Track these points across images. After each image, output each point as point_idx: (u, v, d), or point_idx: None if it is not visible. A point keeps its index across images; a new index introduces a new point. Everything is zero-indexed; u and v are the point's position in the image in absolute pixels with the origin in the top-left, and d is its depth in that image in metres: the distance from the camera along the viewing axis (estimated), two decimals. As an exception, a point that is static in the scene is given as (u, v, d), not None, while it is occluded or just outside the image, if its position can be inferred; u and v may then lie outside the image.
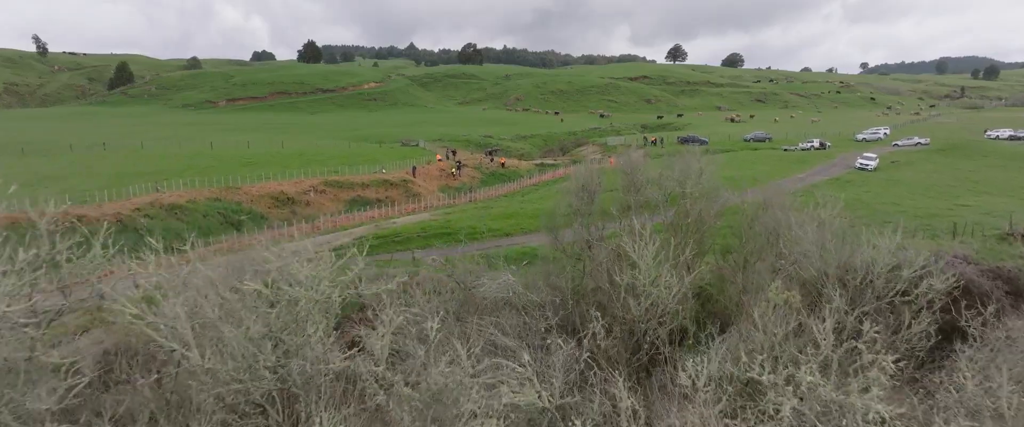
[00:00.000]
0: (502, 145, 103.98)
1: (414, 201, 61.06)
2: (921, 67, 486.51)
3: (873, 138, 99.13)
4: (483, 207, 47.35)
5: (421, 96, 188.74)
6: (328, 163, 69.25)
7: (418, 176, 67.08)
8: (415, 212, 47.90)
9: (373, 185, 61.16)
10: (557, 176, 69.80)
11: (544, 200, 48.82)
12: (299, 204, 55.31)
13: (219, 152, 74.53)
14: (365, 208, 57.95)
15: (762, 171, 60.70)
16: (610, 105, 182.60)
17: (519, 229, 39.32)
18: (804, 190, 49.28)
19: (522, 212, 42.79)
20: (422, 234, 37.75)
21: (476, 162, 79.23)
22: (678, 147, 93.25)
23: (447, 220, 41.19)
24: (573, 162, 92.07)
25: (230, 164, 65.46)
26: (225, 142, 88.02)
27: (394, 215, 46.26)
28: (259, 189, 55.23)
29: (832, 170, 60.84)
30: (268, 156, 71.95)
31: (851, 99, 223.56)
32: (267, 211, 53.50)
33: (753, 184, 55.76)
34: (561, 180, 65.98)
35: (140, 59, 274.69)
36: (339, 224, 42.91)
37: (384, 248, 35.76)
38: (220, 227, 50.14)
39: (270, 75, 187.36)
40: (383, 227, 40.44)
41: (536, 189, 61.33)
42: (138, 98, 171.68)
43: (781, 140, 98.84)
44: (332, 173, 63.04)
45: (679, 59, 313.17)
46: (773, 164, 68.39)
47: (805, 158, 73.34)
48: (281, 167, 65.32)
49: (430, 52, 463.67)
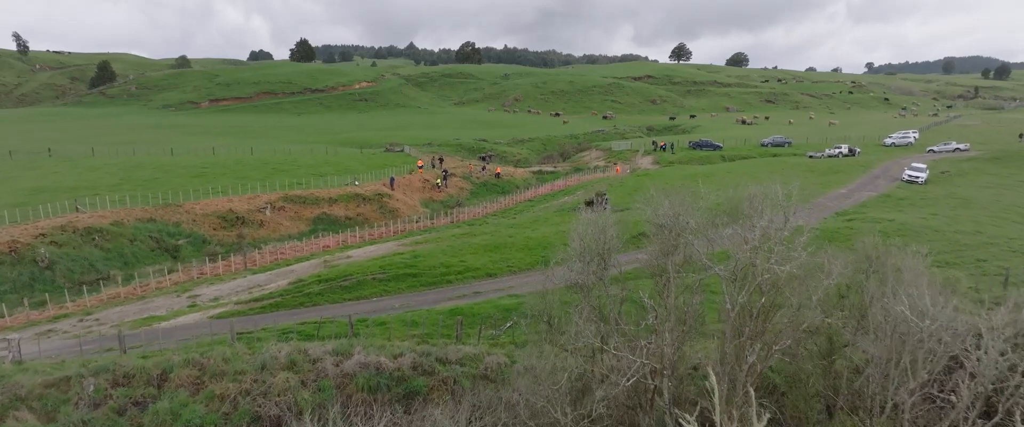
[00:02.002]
0: (497, 150, 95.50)
1: (390, 219, 52.59)
2: (926, 67, 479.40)
3: (903, 143, 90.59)
4: (466, 232, 38.86)
5: (415, 96, 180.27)
6: (296, 173, 60.88)
7: (397, 188, 58.63)
8: (383, 238, 39.45)
9: (342, 200, 52.69)
10: (557, 188, 61.26)
11: (539, 224, 40.32)
12: (251, 224, 46.86)
13: (175, 160, 66.12)
14: (332, 228, 49.56)
15: (789, 185, 52.12)
16: (613, 106, 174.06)
17: (506, 266, 30.84)
18: (853, 211, 40.77)
19: (511, 242, 34.30)
20: (380, 275, 29.27)
21: (465, 171, 70.71)
22: (691, 152, 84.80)
23: (416, 252, 32.73)
24: (575, 170, 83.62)
25: (180, 175, 57.07)
26: (189, 147, 79.67)
27: (356, 243, 37.78)
28: (204, 206, 46.80)
29: (877, 184, 52.27)
30: (229, 165, 63.52)
31: (864, 99, 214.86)
32: (211, 233, 45.06)
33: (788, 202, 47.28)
34: (562, 193, 57.48)
35: (130, 58, 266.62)
36: (282, 256, 34.45)
37: (327, 297, 27.29)
38: (150, 255, 41.73)
39: (256, 74, 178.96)
40: (334, 263, 31.96)
41: (531, 205, 52.80)
42: (117, 98, 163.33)
43: (802, 145, 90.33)
44: (297, 186, 54.63)
45: (683, 58, 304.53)
46: (802, 175, 59.81)
47: (836, 167, 64.82)
48: (239, 178, 56.97)
49: (430, 52, 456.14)
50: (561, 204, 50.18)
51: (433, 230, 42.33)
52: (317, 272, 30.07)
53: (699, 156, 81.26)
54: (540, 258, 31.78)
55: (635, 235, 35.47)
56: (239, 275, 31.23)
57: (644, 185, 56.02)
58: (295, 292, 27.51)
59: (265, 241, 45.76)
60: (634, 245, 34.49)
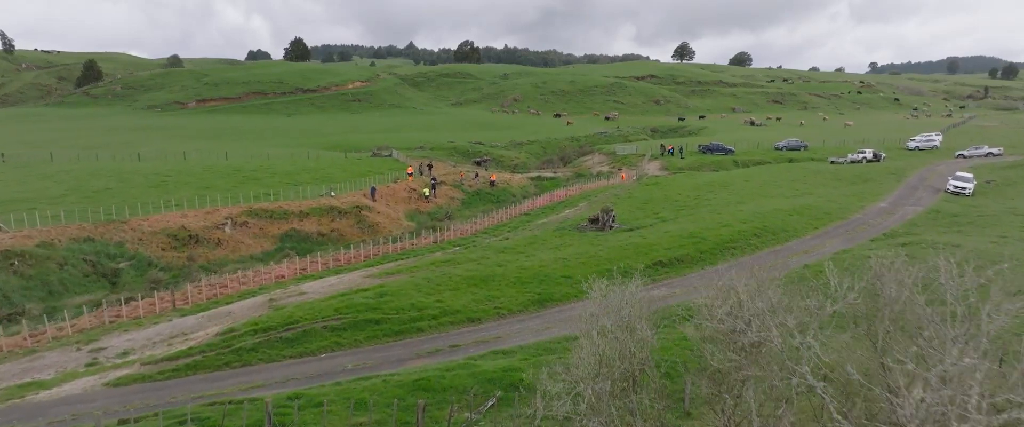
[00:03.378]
0: (493, 154, 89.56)
1: (368, 234, 46.72)
2: (928, 67, 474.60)
3: (927, 146, 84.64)
4: (449, 258, 32.92)
5: (411, 97, 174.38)
6: (268, 182, 55.03)
7: (379, 199, 52.75)
8: (351, 264, 33.49)
9: (315, 214, 46.80)
10: (556, 199, 55.32)
11: (535, 247, 34.42)
12: (206, 243, 40.99)
13: (138, 167, 60.28)
14: (302, 246, 43.71)
15: (824, 197, 46.27)
16: (616, 106, 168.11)
17: (492, 308, 24.93)
18: (904, 232, 34.80)
19: (500, 274, 28.39)
20: (335, 321, 23.39)
21: (456, 178, 64.79)
22: (701, 157, 78.80)
23: (384, 287, 26.82)
24: (576, 175, 77.64)
25: (137, 185, 51.22)
26: (161, 152, 73.84)
27: (316, 272, 31.80)
28: (153, 223, 40.92)
29: (918, 196, 46.31)
30: (196, 173, 57.65)
31: (873, 100, 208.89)
32: (158, 254, 39.20)
33: (826, 220, 41.42)
34: (562, 206, 51.58)
35: (124, 58, 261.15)
36: (223, 292, 28.53)
37: (263, 353, 21.42)
38: (82, 282, 35.86)
39: (247, 74, 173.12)
40: (282, 302, 26.05)
41: (528, 220, 46.87)
42: (101, 99, 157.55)
43: (819, 149, 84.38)
44: (266, 197, 48.75)
45: (686, 58, 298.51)
46: (828, 184, 53.99)
47: (864, 174, 58.91)
48: (203, 188, 51.11)
49: (430, 51, 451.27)
50: (561, 220, 44.26)
51: (411, 254, 36.38)
52: (257, 317, 24.15)
53: (710, 161, 75.30)
54: (535, 297, 25.89)
55: (651, 264, 29.56)
56: (163, 318, 25.33)
57: (654, 196, 50.13)
58: (223, 346, 21.63)
59: (222, 263, 39.93)
60: (650, 277, 28.57)
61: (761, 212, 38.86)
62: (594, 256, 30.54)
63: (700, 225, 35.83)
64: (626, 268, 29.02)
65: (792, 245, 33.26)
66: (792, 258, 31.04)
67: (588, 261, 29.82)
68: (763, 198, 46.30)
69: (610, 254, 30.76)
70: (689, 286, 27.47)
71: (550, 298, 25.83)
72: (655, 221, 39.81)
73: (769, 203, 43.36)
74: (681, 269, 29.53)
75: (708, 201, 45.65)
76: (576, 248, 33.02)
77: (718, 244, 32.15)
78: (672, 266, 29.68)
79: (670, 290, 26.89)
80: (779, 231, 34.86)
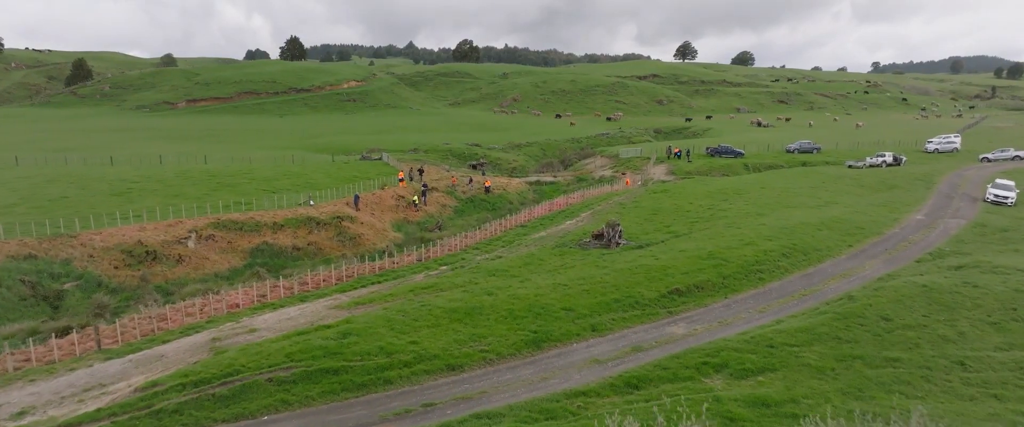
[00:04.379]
0: (490, 156, 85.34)
1: (350, 247, 42.52)
2: (931, 66, 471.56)
3: (947, 148, 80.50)
4: (431, 283, 28.54)
5: (408, 97, 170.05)
6: (244, 189, 50.79)
7: (363, 208, 48.51)
8: (320, 289, 29.16)
9: (290, 226, 42.54)
10: (556, 208, 50.96)
11: (532, 269, 30.13)
12: (166, 260, 36.76)
13: (105, 173, 56.07)
14: (274, 262, 39.51)
15: (851, 208, 41.94)
16: (618, 106, 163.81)
17: (478, 351, 20.70)
18: (953, 252, 30.51)
19: (490, 304, 24.14)
20: (284, 371, 19.15)
21: (448, 184, 60.50)
22: (710, 161, 74.43)
23: (350, 323, 22.58)
24: (577, 180, 73.36)
25: (99, 193, 47.01)
26: (137, 155, 69.62)
27: (275, 301, 27.41)
28: (107, 237, 36.70)
29: (956, 206, 41.96)
30: (167, 179, 53.42)
31: (881, 100, 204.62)
32: (110, 273, 34.98)
33: (859, 236, 36.91)
34: (563, 216, 47.27)
35: (119, 58, 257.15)
36: (162, 327, 24.18)
37: (189, 416, 17.16)
38: (19, 307, 31.59)
39: (240, 73, 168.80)
40: (226, 343, 21.80)
41: (524, 232, 42.55)
42: (88, 98, 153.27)
43: (832, 151, 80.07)
44: (239, 206, 44.50)
45: (688, 57, 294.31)
46: (852, 192, 49.67)
47: (888, 180, 54.60)
48: (172, 196, 46.91)
49: (430, 51, 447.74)
50: (562, 233, 39.94)
51: (391, 275, 32.00)
52: (191, 364, 19.89)
53: (720, 165, 71.01)
54: (530, 336, 21.67)
55: (667, 292, 25.31)
56: (83, 362, 21.08)
57: (663, 206, 45.82)
58: (140, 407, 17.40)
59: (181, 282, 35.70)
60: (666, 309, 24.35)
61: (786, 226, 34.58)
62: (599, 282, 26.27)
63: (719, 242, 31.55)
64: (637, 298, 24.81)
65: (826, 267, 28.98)
66: (829, 283, 26.79)
67: (592, 288, 25.56)
68: (784, 209, 42.00)
69: (618, 279, 26.49)
70: (713, 320, 23.26)
71: (548, 337, 21.60)
72: (667, 236, 35.52)
73: (792, 215, 39.07)
74: (702, 298, 25.27)
75: (724, 212, 41.33)
76: (578, 270, 28.74)
77: (742, 267, 27.86)
78: (691, 295, 25.41)
79: (690, 326, 22.65)
80: (809, 250, 30.57)
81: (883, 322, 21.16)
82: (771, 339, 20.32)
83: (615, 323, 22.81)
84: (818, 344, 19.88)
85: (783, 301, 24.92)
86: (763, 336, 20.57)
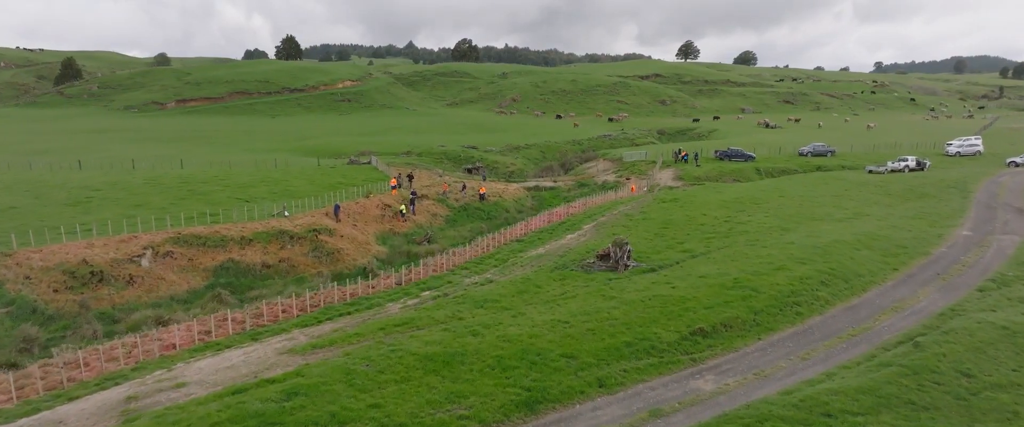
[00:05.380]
0: (487, 159, 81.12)
1: (327, 264, 38.29)
2: (933, 66, 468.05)
3: (970, 152, 76.31)
4: (406, 319, 24.14)
5: (404, 97, 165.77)
6: (215, 198, 46.53)
7: (345, 218, 44.26)
8: (273, 324, 24.86)
9: (261, 241, 38.28)
10: (555, 218, 46.63)
11: (526, 301, 25.77)
12: (114, 282, 32.51)
13: (67, 178, 51.93)
14: (241, 282, 35.33)
15: (884, 221, 37.64)
16: (620, 107, 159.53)
17: (457, 418, 16.37)
18: (1018, 279, 26.20)
19: (473, 350, 19.86)
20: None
21: (440, 191, 56.24)
22: (719, 165, 70.11)
23: (300, 376, 18.30)
24: (579, 185, 69.09)
25: (51, 203, 42.77)
26: (107, 160, 65.45)
27: (220, 340, 23.01)
28: (47, 256, 32.47)
29: (1005, 220, 37.56)
30: (135, 186, 49.20)
31: (888, 100, 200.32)
32: (49, 298, 30.72)
33: (903, 256, 32.41)
34: (563, 228, 42.96)
35: (111, 56, 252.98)
36: (75, 377, 19.80)
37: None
38: (-68, 339, 27.45)
39: (232, 73, 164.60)
40: (141, 406, 17.50)
41: (520, 248, 38.20)
42: (75, 98, 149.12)
43: (847, 155, 75.83)
44: (206, 219, 40.23)
45: (691, 57, 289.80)
46: (880, 201, 45.36)
47: (916, 187, 50.32)
48: (134, 206, 42.73)
49: (430, 51, 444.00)
50: (562, 250, 35.61)
51: (362, 304, 27.59)
52: None
53: (730, 169, 66.72)
54: (522, 395, 17.40)
55: (689, 333, 21.05)
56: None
57: (674, 217, 41.50)
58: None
59: (131, 307, 31.44)
60: (689, 355, 20.08)
61: (818, 245, 30.28)
62: (607, 318, 22.01)
63: (744, 266, 27.25)
64: (653, 341, 20.55)
65: (872, 297, 24.70)
66: (880, 320, 22.53)
67: (599, 327, 21.29)
68: (810, 222, 37.72)
69: (629, 315, 22.23)
70: (747, 370, 19.00)
71: (545, 396, 17.34)
72: (681, 255, 31.20)
73: (821, 230, 34.79)
74: (731, 339, 21.00)
75: (743, 226, 37.04)
76: (581, 301, 24.46)
77: (775, 298, 23.56)
78: (717, 335, 21.14)
79: (720, 379, 18.39)
80: (850, 276, 26.27)
81: (964, 379, 16.91)
82: (826, 403, 16.06)
83: (627, 375, 18.55)
84: (887, 411, 15.62)
85: (829, 344, 20.66)
86: (815, 398, 16.31)
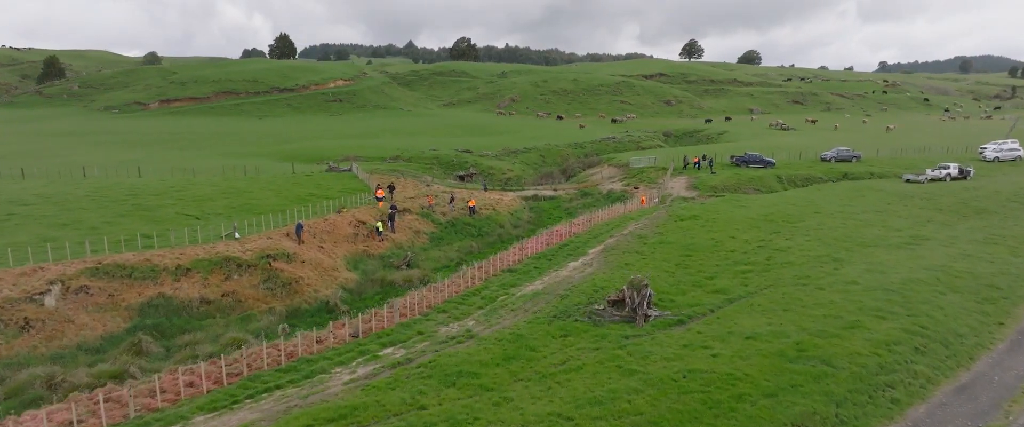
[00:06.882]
0: (481, 165, 74.80)
1: (282, 298, 31.94)
2: (938, 66, 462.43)
3: (1009, 156, 70.23)
4: (344, 406, 17.75)
5: (399, 97, 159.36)
6: (162, 215, 40.07)
7: (309, 239, 37.85)
8: (178, 404, 18.32)
9: (201, 270, 31.87)
10: (555, 240, 40.02)
11: (518, 369, 19.15)
12: (5, 329, 26.13)
13: (2, 190, 45.57)
14: (172, 322, 28.91)
15: (954, 246, 31.15)
16: (624, 107, 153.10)
17: None
18: None
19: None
20: None
21: (425, 204, 49.79)
22: (736, 172, 63.63)
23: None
24: (582, 194, 62.65)
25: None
26: (59, 168, 59.11)
27: (119, 423, 16.76)
28: (-77, 295, 26.06)
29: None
30: (72, 200, 42.75)
31: (900, 100, 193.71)
32: (-85, 352, 24.36)
33: (1003, 303, 24.84)
34: (565, 253, 36.44)
35: (102, 55, 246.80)
36: None
37: None
38: None
39: (219, 72, 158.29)
40: None
41: (514, 281, 31.55)
42: (55, 98, 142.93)
43: (873, 160, 69.44)
44: (136, 243, 33.78)
45: (694, 56, 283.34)
46: (933, 219, 38.90)
47: (968, 200, 43.91)
48: (60, 225, 36.33)
49: (430, 50, 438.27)
50: (564, 286, 29.03)
51: (300, 370, 21.12)
52: None
53: (749, 177, 60.22)
54: None
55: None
56: None
57: (697, 241, 35.02)
58: None
59: (23, 361, 25.05)
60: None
61: (889, 286, 23.80)
62: (627, 411, 15.54)
63: (802, 320, 20.77)
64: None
65: (985, 371, 18.23)
66: (1011, 412, 16.08)
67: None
68: (862, 248, 31.22)
69: (658, 408, 15.72)
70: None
71: None
72: (715, 299, 24.62)
73: (882, 261, 28.29)
74: (806, 449, 14.52)
75: (783, 254, 30.51)
76: (590, 379, 17.93)
77: (858, 378, 17.02)
78: (786, 442, 14.66)
79: None
80: (948, 337, 19.78)
81: None
82: None
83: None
84: None
85: (952, 458, 14.18)
86: None
